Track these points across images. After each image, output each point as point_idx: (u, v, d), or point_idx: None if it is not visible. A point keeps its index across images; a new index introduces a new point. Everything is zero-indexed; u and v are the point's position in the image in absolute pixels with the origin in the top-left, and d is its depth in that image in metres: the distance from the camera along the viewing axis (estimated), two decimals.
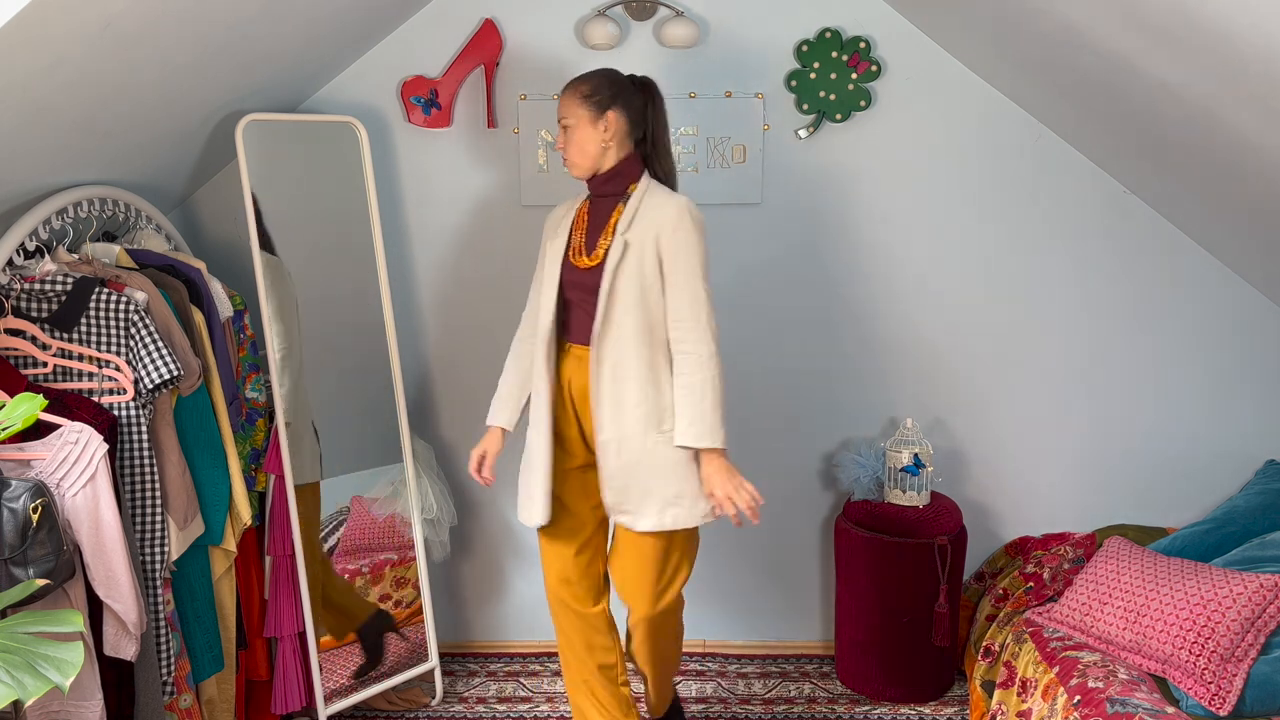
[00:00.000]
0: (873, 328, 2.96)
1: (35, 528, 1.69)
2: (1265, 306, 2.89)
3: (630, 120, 2.20)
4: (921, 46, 2.81)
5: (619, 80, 2.21)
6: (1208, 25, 1.70)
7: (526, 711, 2.84)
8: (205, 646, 2.35)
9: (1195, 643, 2.18)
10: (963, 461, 3.03)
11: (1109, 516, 3.01)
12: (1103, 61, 2.18)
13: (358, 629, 2.72)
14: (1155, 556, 2.46)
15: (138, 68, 1.98)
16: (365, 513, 2.74)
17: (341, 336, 2.73)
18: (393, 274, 2.87)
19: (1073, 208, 2.88)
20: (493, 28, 2.79)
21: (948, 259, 2.92)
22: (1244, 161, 2.17)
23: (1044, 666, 2.35)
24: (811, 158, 2.87)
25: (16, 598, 1.52)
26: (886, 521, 2.84)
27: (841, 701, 2.87)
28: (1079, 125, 2.71)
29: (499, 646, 3.16)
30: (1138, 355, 2.94)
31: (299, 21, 2.33)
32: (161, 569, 2.15)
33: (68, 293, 2.10)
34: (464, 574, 3.13)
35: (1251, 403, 2.94)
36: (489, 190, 2.91)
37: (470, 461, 2.39)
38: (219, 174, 2.89)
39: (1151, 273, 2.90)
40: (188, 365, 2.23)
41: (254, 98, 2.56)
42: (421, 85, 2.80)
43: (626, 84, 2.21)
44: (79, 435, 1.84)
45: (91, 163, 2.24)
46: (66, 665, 1.33)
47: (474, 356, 2.99)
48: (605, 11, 2.77)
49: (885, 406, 3.01)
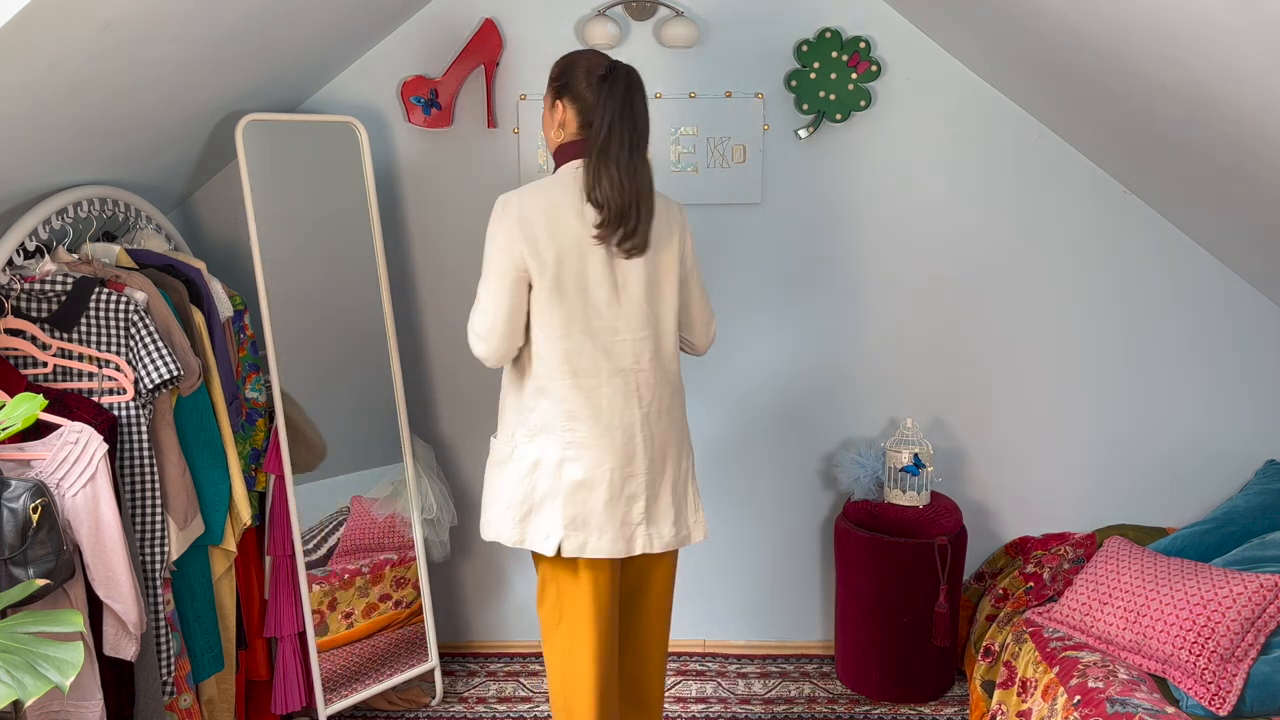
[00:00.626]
0: (873, 327, 2.97)
1: (35, 528, 1.69)
2: (1265, 306, 2.89)
3: (580, 112, 2.01)
4: (921, 46, 2.81)
5: (580, 65, 2.02)
6: (1208, 25, 1.70)
7: (526, 711, 2.84)
8: (205, 646, 2.35)
9: (1195, 643, 2.18)
10: (963, 461, 3.03)
11: (1109, 516, 3.01)
12: (1103, 61, 2.18)
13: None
14: (1155, 556, 2.46)
15: (138, 68, 1.98)
16: (365, 513, 2.74)
17: (341, 336, 2.72)
18: (393, 274, 2.87)
19: (1073, 208, 2.88)
20: (493, 28, 2.79)
21: (948, 258, 2.92)
22: (1244, 162, 2.17)
23: (1044, 666, 2.35)
24: (811, 158, 2.87)
25: (16, 598, 1.52)
26: (886, 521, 2.84)
27: (841, 701, 2.87)
28: (1079, 125, 2.71)
29: (499, 646, 3.16)
30: (1138, 355, 2.94)
31: (299, 21, 2.33)
32: (161, 569, 2.15)
33: (68, 293, 2.10)
34: (464, 574, 3.13)
35: (1251, 403, 2.94)
36: (489, 190, 2.89)
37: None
38: (219, 174, 2.89)
39: (1151, 272, 2.90)
40: (188, 365, 2.23)
41: (254, 98, 2.56)
42: (421, 85, 2.80)
43: (587, 71, 2.00)
44: (79, 435, 1.84)
45: (91, 163, 2.24)
46: (66, 665, 1.33)
47: (474, 356, 2.98)
48: (605, 11, 2.77)
49: (885, 406, 3.01)
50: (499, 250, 1.97)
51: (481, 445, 3.03)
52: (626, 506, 2.05)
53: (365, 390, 2.74)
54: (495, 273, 1.99)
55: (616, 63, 2.01)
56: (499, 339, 2.01)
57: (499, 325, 2.00)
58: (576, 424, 2.01)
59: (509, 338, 2.01)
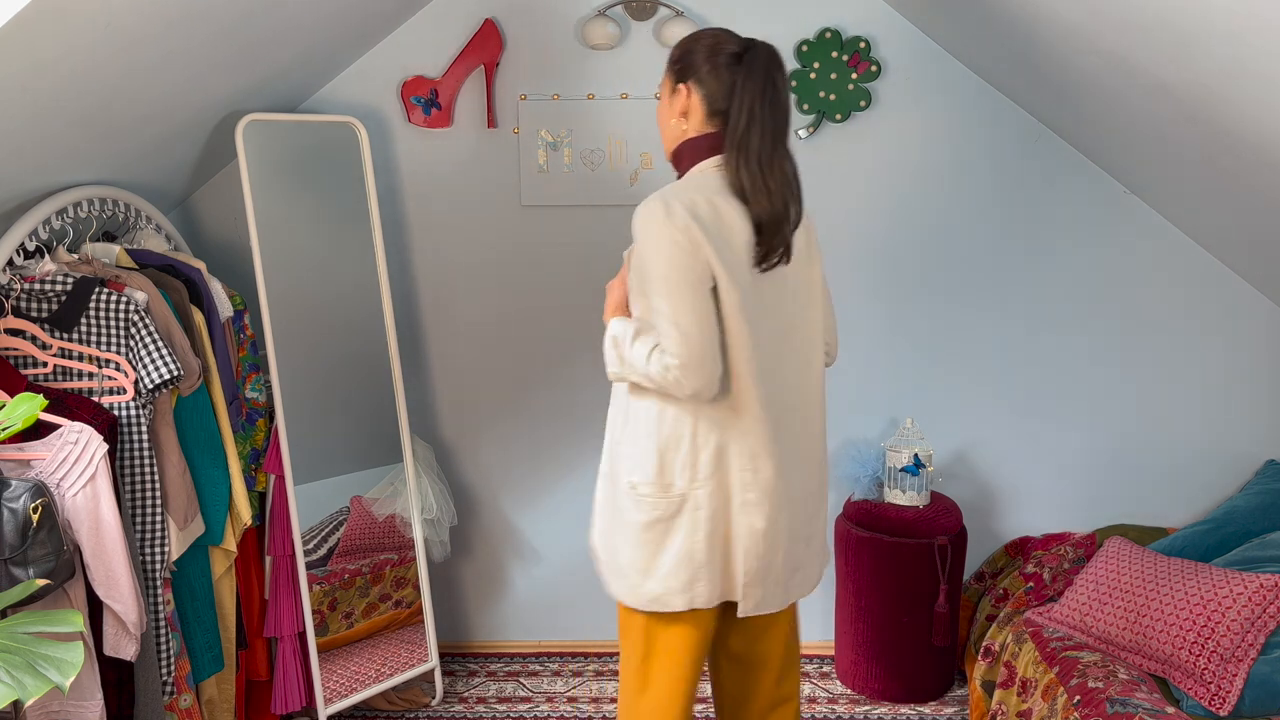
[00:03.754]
0: (873, 327, 2.96)
1: (35, 528, 1.69)
2: (1265, 306, 2.90)
3: (707, 97, 1.74)
4: (921, 46, 2.81)
5: (706, 44, 1.75)
6: (1208, 24, 1.70)
7: (526, 711, 2.84)
8: (205, 646, 2.35)
9: (1195, 643, 2.18)
10: (963, 461, 3.03)
11: (1109, 516, 3.01)
12: (1103, 61, 2.18)
13: None
14: (1155, 556, 2.46)
15: (138, 67, 1.98)
16: (365, 513, 2.74)
17: (341, 336, 2.72)
18: (393, 274, 2.87)
19: (1073, 208, 2.88)
20: (493, 28, 2.79)
21: (947, 258, 2.92)
22: (1244, 161, 2.17)
23: (1044, 666, 2.35)
24: (811, 158, 2.87)
25: (16, 598, 1.52)
26: (886, 521, 2.83)
27: (841, 701, 2.87)
28: (1079, 125, 2.71)
29: (499, 646, 3.16)
30: (1138, 355, 2.95)
31: (299, 21, 2.33)
32: (161, 569, 2.15)
33: (68, 293, 2.10)
34: (464, 574, 3.13)
35: (1251, 403, 2.94)
36: (489, 190, 2.91)
37: None
38: (219, 174, 2.89)
39: (1151, 272, 2.90)
40: (188, 365, 2.23)
41: (254, 98, 2.56)
42: (421, 85, 2.80)
43: (714, 50, 1.74)
44: (79, 435, 1.84)
45: (91, 163, 2.24)
46: (66, 665, 1.33)
47: (474, 357, 2.99)
48: (605, 11, 2.77)
49: (885, 406, 3.01)
50: (681, 254, 1.64)
51: (482, 445, 3.03)
52: (804, 548, 1.83)
53: (365, 390, 2.74)
54: (685, 283, 1.64)
55: (752, 40, 1.75)
56: (711, 364, 1.65)
57: (709, 347, 1.65)
58: (760, 462, 1.74)
59: (718, 362, 1.67)
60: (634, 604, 1.79)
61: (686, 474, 1.73)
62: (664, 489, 1.74)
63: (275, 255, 2.54)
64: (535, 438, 3.04)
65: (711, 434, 1.73)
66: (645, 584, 1.77)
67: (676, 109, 1.78)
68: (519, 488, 3.08)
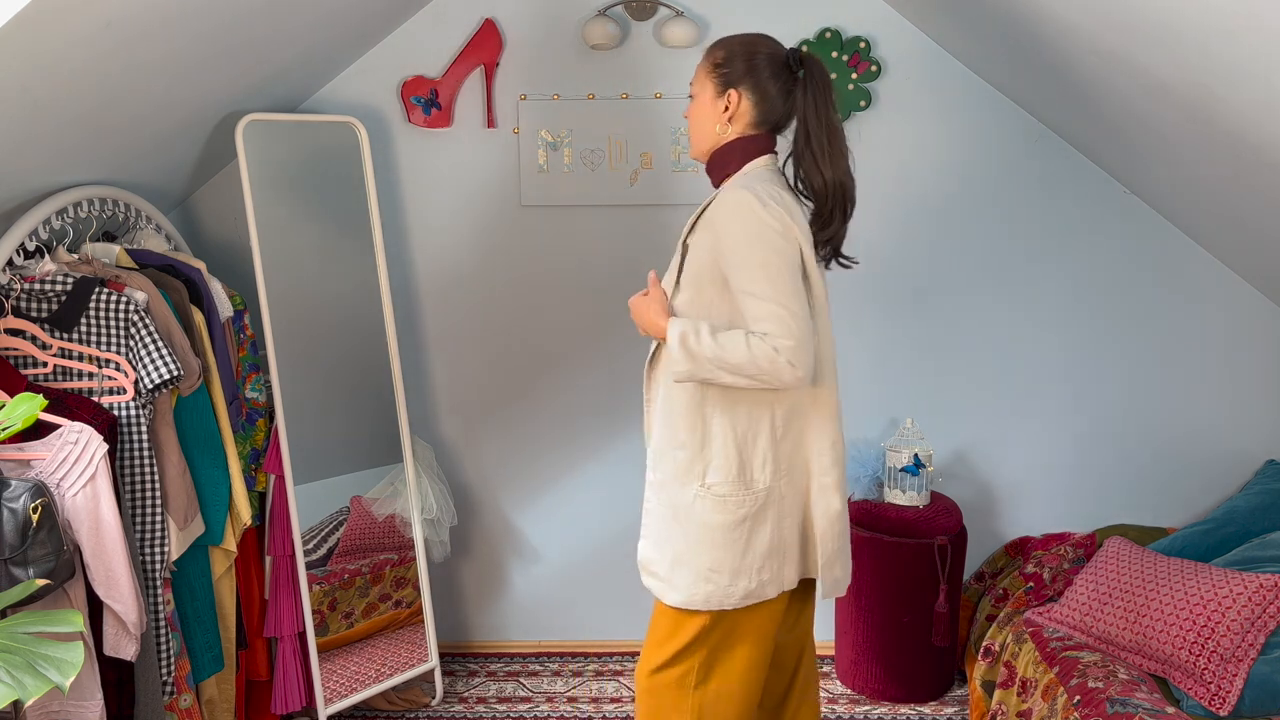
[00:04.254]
0: (873, 327, 2.96)
1: (35, 528, 1.69)
2: (1265, 306, 2.90)
3: (759, 104, 1.80)
4: (921, 46, 2.81)
5: (762, 52, 1.81)
6: (1208, 24, 1.70)
7: (526, 711, 2.84)
8: (205, 646, 2.35)
9: (1195, 643, 2.18)
10: (963, 461, 3.03)
11: (1109, 516, 3.01)
12: (1103, 61, 2.18)
13: None
14: (1155, 556, 2.46)
15: (138, 67, 1.98)
16: (365, 513, 2.74)
17: (341, 336, 2.72)
18: (393, 274, 2.87)
19: (1073, 208, 2.88)
20: (493, 28, 2.79)
21: (947, 258, 2.92)
22: (1244, 162, 2.17)
23: (1044, 666, 2.35)
24: None
25: (16, 598, 1.52)
26: (886, 521, 2.83)
27: (841, 701, 2.87)
28: (1079, 125, 2.71)
29: (499, 646, 3.16)
30: (1137, 355, 2.95)
31: (299, 21, 2.33)
32: (161, 569, 2.15)
33: (68, 293, 2.10)
34: (464, 574, 3.13)
35: (1251, 403, 2.94)
36: (489, 190, 2.91)
37: None
38: (219, 174, 2.89)
39: (1151, 272, 2.90)
40: (188, 365, 2.23)
41: (254, 98, 2.56)
42: (421, 85, 2.80)
43: (769, 58, 1.80)
44: (79, 435, 1.84)
45: (91, 163, 2.24)
46: (66, 665, 1.33)
47: (474, 356, 2.99)
48: (605, 11, 2.77)
49: (885, 406, 3.01)
50: (781, 240, 1.67)
51: (482, 445, 3.03)
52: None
53: (365, 390, 2.74)
54: (787, 268, 1.67)
55: (797, 49, 1.83)
56: (813, 345, 1.68)
57: (810, 329, 1.67)
58: (836, 445, 1.82)
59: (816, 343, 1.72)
60: (722, 605, 1.78)
61: (768, 468, 1.76)
62: (746, 485, 1.76)
63: (275, 255, 2.54)
64: (535, 437, 3.04)
65: (793, 422, 1.78)
66: (737, 583, 1.77)
67: (721, 114, 1.82)
68: (519, 488, 3.08)
